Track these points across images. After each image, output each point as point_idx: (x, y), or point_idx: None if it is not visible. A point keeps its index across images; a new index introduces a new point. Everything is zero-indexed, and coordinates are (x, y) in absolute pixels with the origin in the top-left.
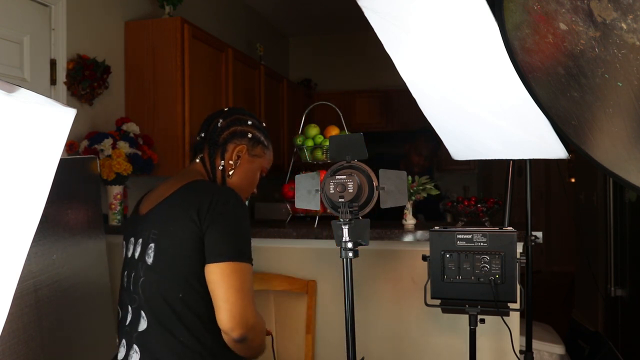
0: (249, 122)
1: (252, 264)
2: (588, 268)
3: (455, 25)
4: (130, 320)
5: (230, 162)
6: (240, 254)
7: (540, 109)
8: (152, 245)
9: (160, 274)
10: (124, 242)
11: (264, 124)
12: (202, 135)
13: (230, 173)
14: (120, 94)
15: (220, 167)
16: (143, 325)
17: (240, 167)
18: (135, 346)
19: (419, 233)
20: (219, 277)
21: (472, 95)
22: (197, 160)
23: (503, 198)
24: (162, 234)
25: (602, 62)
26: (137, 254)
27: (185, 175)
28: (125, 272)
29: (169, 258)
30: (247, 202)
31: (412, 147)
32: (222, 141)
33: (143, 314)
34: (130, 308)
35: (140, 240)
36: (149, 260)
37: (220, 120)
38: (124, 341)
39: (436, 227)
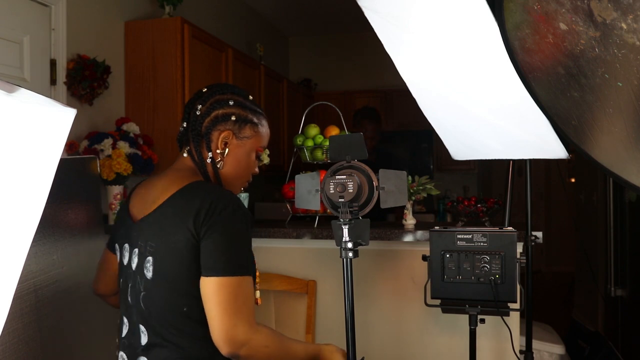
0: (231, 102)
1: (249, 275)
2: (588, 268)
3: (455, 25)
4: (128, 333)
5: (218, 151)
6: (233, 267)
7: (540, 108)
8: (150, 259)
9: (161, 289)
10: (117, 246)
11: (251, 97)
12: (184, 125)
13: (220, 164)
14: (120, 94)
15: (209, 160)
16: (144, 339)
17: (229, 154)
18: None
19: (419, 233)
20: (209, 292)
21: (472, 95)
22: (185, 154)
23: (503, 198)
24: (161, 247)
25: (602, 62)
26: (133, 265)
27: (178, 174)
28: (122, 280)
29: (170, 273)
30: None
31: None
32: (205, 130)
33: (143, 328)
34: (126, 320)
35: (137, 251)
36: (149, 275)
37: (199, 107)
38: (122, 354)
39: (436, 227)
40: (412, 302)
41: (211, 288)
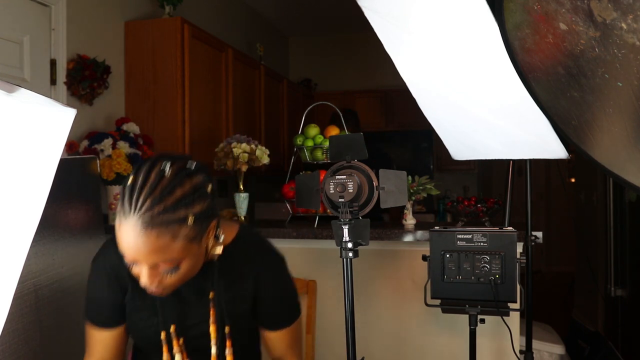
0: None
1: (88, 321)
2: (588, 268)
3: (455, 25)
4: None
5: None
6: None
7: (540, 109)
8: None
9: None
10: None
11: (132, 178)
12: None
13: None
14: (120, 94)
15: None
16: None
17: None
18: None
19: (419, 233)
20: None
21: (473, 95)
22: None
23: (503, 198)
24: None
25: (602, 62)
26: None
27: None
28: None
29: None
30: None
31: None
32: None
33: None
34: None
35: None
36: None
37: None
38: None
39: (436, 227)
40: (412, 302)
41: None
